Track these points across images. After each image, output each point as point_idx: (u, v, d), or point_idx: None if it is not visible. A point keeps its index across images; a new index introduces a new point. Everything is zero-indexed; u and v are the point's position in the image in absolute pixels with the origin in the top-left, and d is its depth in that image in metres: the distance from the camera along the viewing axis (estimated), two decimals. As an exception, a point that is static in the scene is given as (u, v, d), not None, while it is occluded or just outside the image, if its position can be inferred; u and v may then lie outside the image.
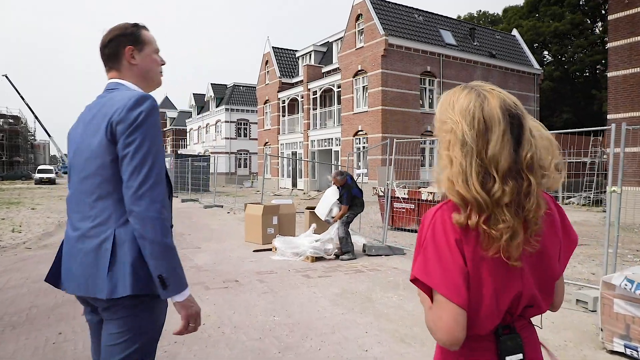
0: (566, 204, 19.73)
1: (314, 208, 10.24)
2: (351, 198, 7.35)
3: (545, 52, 43.13)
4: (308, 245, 7.09)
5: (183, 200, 20.14)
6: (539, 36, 40.17)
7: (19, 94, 45.19)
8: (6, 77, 44.38)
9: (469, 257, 1.05)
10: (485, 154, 1.04)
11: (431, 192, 10.39)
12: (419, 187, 13.02)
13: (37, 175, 39.85)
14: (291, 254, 7.29)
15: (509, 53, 28.27)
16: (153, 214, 1.44)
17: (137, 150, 1.47)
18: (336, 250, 7.21)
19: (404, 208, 10.98)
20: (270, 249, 7.96)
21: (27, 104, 45.68)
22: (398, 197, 10.83)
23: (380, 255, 7.63)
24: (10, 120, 60.67)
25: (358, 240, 8.88)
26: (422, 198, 10.50)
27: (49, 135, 54.52)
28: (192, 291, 1.75)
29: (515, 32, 31.67)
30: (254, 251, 7.96)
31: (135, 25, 1.73)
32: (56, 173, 48.53)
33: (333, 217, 7.60)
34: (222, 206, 17.11)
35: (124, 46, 1.67)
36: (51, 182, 38.90)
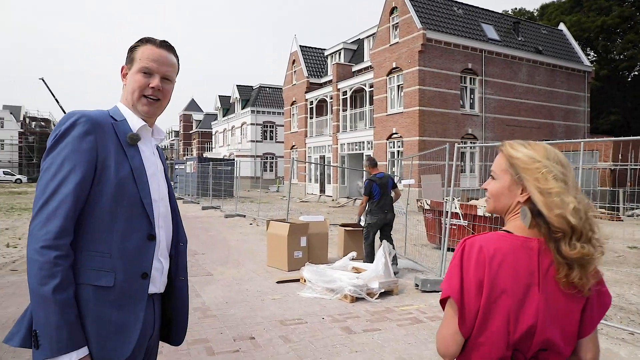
0: (629, 216, 17.46)
1: (348, 225, 8.67)
2: (370, 189, 7.00)
3: (589, 49, 40.27)
4: (347, 282, 5.48)
5: (204, 208, 18.83)
6: (583, 32, 37.41)
7: (53, 96, 45.56)
8: (42, 80, 44.82)
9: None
10: None
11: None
12: (469, 199, 11.23)
13: None
14: (324, 290, 5.70)
15: (556, 49, 25.93)
16: (32, 254, 1.20)
17: (41, 177, 1.28)
18: (382, 289, 5.57)
19: (455, 225, 9.23)
20: (297, 280, 6.41)
21: (60, 107, 46.05)
22: (448, 212, 9.09)
23: (438, 291, 5.97)
24: (42, 123, 61.83)
25: (407, 266, 7.32)
26: (478, 214, 8.76)
27: None
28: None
29: (562, 26, 29.23)
30: (277, 282, 6.42)
31: (142, 40, 1.48)
32: None
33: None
34: (244, 216, 15.67)
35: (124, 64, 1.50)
36: None
